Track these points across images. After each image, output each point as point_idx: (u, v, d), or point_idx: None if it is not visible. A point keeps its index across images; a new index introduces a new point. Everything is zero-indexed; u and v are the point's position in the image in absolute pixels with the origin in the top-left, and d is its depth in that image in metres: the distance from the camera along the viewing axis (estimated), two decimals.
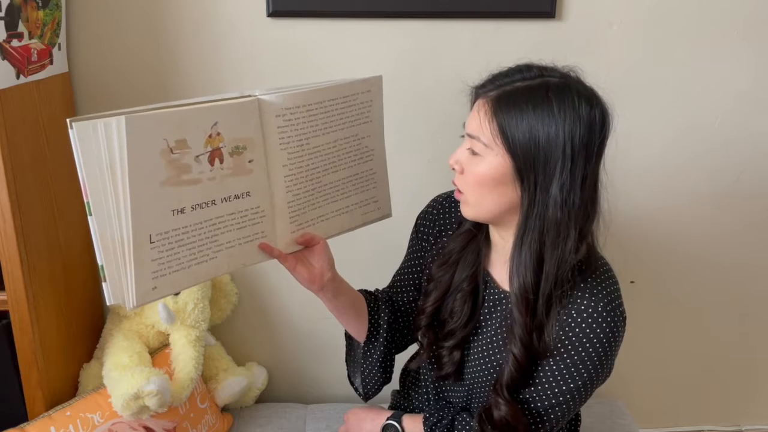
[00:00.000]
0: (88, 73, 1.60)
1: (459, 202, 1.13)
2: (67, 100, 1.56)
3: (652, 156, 1.77)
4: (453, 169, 1.10)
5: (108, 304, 0.93)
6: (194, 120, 0.95)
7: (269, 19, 1.58)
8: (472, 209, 1.10)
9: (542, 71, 1.05)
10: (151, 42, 1.59)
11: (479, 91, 1.07)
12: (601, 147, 1.03)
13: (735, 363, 2.03)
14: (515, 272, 1.07)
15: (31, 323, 1.37)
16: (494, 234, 1.17)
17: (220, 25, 1.58)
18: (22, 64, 1.31)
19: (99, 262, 0.92)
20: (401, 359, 1.38)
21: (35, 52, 1.37)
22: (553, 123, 0.99)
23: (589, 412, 1.70)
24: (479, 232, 1.19)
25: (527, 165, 1.01)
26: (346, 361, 1.38)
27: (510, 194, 1.05)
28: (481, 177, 1.05)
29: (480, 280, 1.20)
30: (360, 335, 1.29)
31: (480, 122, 1.04)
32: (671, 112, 1.73)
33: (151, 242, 0.94)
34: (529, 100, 1.00)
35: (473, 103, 1.09)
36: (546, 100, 0.99)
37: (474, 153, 1.05)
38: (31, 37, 1.34)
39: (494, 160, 1.03)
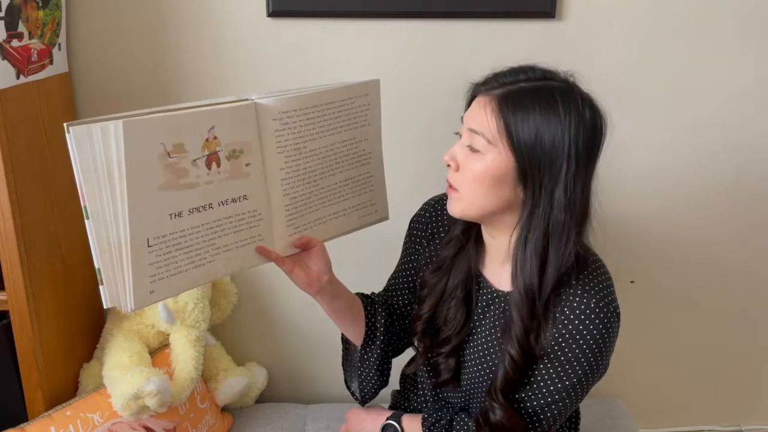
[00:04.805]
0: (88, 73, 1.60)
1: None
2: (67, 100, 1.56)
3: (652, 156, 1.76)
4: (448, 165, 1.09)
5: (105, 307, 0.94)
6: (191, 124, 0.95)
7: (269, 19, 1.58)
8: (462, 206, 1.08)
9: (545, 74, 1.05)
10: (151, 42, 1.59)
11: (481, 88, 1.07)
12: (599, 151, 1.05)
13: (735, 363, 2.03)
14: (519, 272, 1.06)
15: (31, 323, 1.38)
16: (486, 235, 1.16)
17: (220, 25, 1.58)
18: (22, 64, 1.31)
19: (96, 266, 0.92)
20: (400, 360, 1.38)
21: (35, 52, 1.37)
22: (559, 125, 0.99)
23: (588, 412, 1.70)
24: (468, 240, 1.19)
25: (532, 166, 1.01)
26: (343, 365, 1.39)
27: (508, 194, 1.04)
28: (480, 174, 1.04)
29: (472, 284, 1.19)
30: (357, 338, 1.29)
31: (485, 119, 1.03)
32: (671, 112, 1.73)
33: (148, 246, 0.94)
34: (536, 101, 1.00)
35: (471, 99, 1.09)
36: (552, 102, 1.00)
37: (473, 150, 1.05)
38: (31, 37, 1.34)
39: (496, 158, 1.02)
